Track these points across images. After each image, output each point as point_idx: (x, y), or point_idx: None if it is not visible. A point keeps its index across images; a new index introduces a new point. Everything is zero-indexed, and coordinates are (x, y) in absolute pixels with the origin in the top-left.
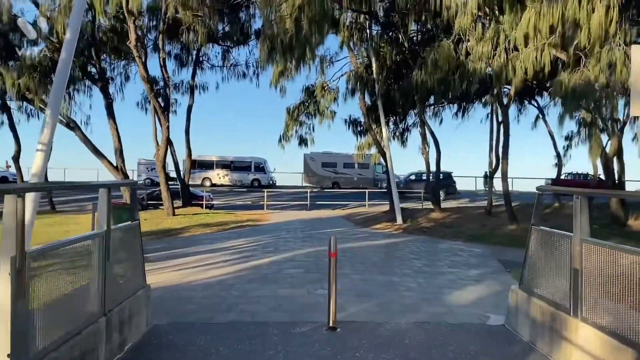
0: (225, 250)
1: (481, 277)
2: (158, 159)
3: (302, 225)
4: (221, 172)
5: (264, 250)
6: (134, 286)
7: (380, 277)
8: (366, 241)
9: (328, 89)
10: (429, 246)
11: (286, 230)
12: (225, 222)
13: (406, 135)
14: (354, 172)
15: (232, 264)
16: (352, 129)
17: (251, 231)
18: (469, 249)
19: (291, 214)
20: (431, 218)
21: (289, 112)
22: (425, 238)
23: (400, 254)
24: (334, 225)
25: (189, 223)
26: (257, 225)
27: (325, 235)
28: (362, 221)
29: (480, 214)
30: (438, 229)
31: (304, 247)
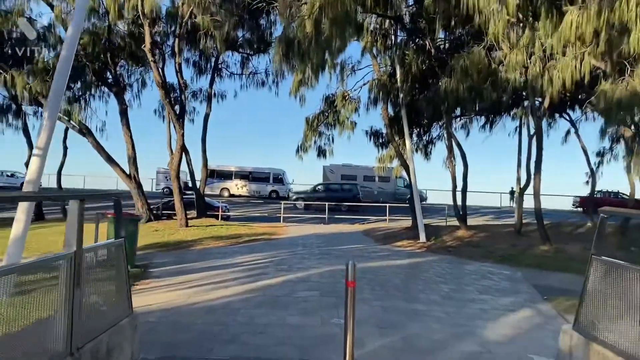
0: (236, 267)
1: (516, 305)
2: (172, 167)
3: (319, 240)
4: (239, 182)
5: (277, 267)
6: (116, 315)
7: (404, 305)
8: (387, 260)
9: (349, 99)
10: (456, 268)
11: (302, 246)
12: (239, 234)
13: (430, 148)
14: (374, 186)
15: (241, 282)
16: (373, 140)
17: (265, 246)
18: (499, 272)
19: (308, 227)
20: (457, 236)
21: (308, 122)
22: (451, 258)
23: (424, 276)
24: (352, 241)
25: (202, 235)
26: (272, 239)
27: (343, 252)
28: (382, 237)
29: (509, 233)
30: (465, 249)
31: (320, 266)
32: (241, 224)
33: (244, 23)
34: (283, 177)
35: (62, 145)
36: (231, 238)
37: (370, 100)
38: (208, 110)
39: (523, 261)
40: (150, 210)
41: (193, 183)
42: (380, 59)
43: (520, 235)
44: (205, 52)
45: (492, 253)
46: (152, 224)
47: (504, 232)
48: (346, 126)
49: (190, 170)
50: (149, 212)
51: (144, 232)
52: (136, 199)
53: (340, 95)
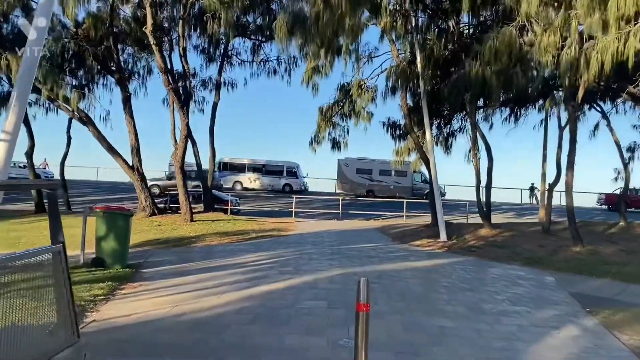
0: (237, 268)
1: (558, 320)
2: (176, 159)
3: (331, 237)
4: (252, 175)
5: (282, 269)
6: (50, 347)
7: (426, 320)
8: (405, 262)
9: (365, 88)
10: (481, 271)
11: (312, 244)
12: (247, 230)
13: (451, 141)
14: (390, 180)
15: (239, 287)
16: (391, 132)
17: (273, 243)
18: (530, 277)
19: (320, 223)
20: (480, 235)
21: (321, 112)
22: (474, 260)
23: (447, 282)
24: (367, 239)
25: (206, 231)
26: (281, 235)
27: (356, 252)
28: (399, 235)
29: (536, 232)
30: (489, 249)
31: (330, 268)
32: (250, 218)
33: (254, 7)
34: (297, 170)
35: (66, 135)
36: (237, 234)
37: (388, 89)
38: (217, 99)
39: (554, 264)
40: (155, 204)
41: (200, 175)
42: (399, 44)
43: (549, 235)
44: (214, 38)
45: (518, 254)
46: (156, 218)
47: (531, 231)
48: (362, 117)
49: (197, 162)
50: (152, 206)
51: (146, 226)
52: (139, 192)
53: (356, 84)
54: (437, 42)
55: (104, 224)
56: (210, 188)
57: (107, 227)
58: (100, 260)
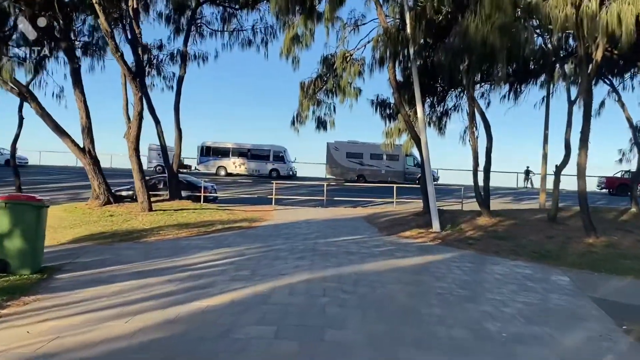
0: (180, 272)
1: (594, 351)
2: (129, 139)
3: (309, 229)
4: (237, 160)
5: (235, 274)
6: None
7: (413, 354)
8: (391, 259)
9: (351, 60)
10: (482, 270)
11: (284, 237)
12: (212, 221)
13: (445, 120)
14: (382, 165)
15: (166, 304)
16: (380, 111)
17: (238, 237)
18: (540, 276)
19: (301, 211)
20: (478, 224)
21: (303, 88)
22: (472, 255)
23: (441, 288)
24: (350, 230)
25: (164, 222)
26: (251, 227)
27: (334, 247)
28: (387, 225)
29: (541, 221)
30: (489, 241)
31: (296, 272)
32: (223, 207)
33: None
34: (284, 154)
35: (18, 115)
36: (200, 226)
37: (376, 61)
38: (182, 72)
39: (565, 259)
40: (110, 192)
41: (165, 159)
42: (386, 8)
43: (555, 224)
44: (179, 2)
45: (524, 247)
46: (110, 208)
47: (535, 220)
48: (348, 93)
49: (161, 143)
50: (107, 193)
51: (95, 217)
52: (91, 177)
53: (341, 56)
54: (429, 3)
55: (7, 218)
56: (177, 173)
57: (12, 221)
58: (2, 264)
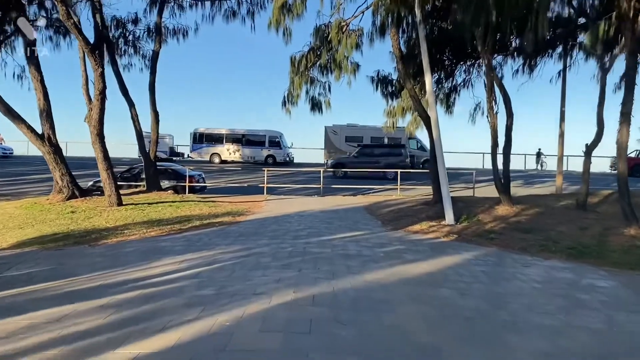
0: (122, 293)
1: None
2: (91, 122)
3: (302, 223)
4: (232, 147)
5: (193, 295)
6: None
7: None
8: (399, 265)
9: (347, 31)
10: (513, 276)
11: (271, 236)
12: (190, 216)
13: (453, 97)
14: None
15: (76, 354)
16: (381, 89)
17: (215, 236)
18: (586, 282)
19: (295, 202)
20: (497, 215)
21: (293, 63)
22: (496, 252)
23: (469, 308)
24: (349, 224)
25: (133, 219)
26: (234, 222)
27: (329, 248)
28: (392, 217)
29: (567, 209)
30: (512, 235)
31: (277, 289)
32: (209, 198)
33: None
34: (280, 140)
35: None
36: (174, 223)
37: (376, 28)
38: (157, 47)
39: (609, 256)
40: (75, 184)
41: (141, 145)
42: None
43: (586, 212)
44: None
45: (555, 242)
46: (74, 203)
47: (561, 208)
48: (345, 68)
49: (136, 128)
50: (71, 186)
51: (53, 214)
52: (52, 168)
53: (336, 26)
54: None
55: None
56: (155, 160)
57: None
58: None
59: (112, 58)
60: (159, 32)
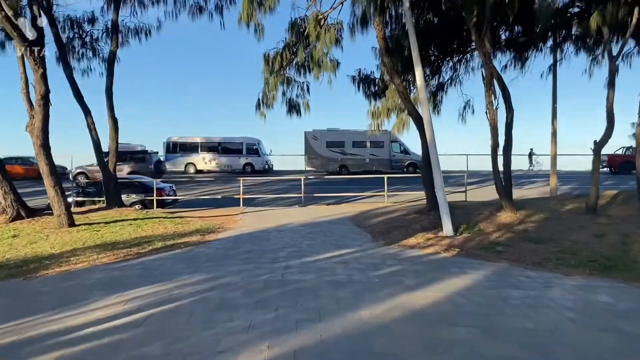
0: (38, 354)
1: None
2: (33, 131)
3: (281, 241)
4: (207, 155)
5: (132, 357)
6: None
7: None
8: (399, 293)
9: (326, 25)
10: (538, 302)
11: (244, 259)
12: (152, 237)
13: (440, 96)
14: (365, 153)
15: None
16: (363, 89)
17: (177, 262)
18: (627, 306)
19: (274, 214)
20: (500, 222)
21: (267, 61)
22: (508, 269)
23: (501, 356)
24: (335, 239)
25: (85, 242)
26: (203, 242)
27: (314, 273)
28: (383, 229)
29: (575, 213)
30: (522, 247)
31: (245, 344)
32: (177, 213)
33: None
34: (258, 147)
35: None
36: (132, 245)
37: (357, 19)
38: (114, 47)
39: (639, 269)
40: (20, 203)
41: (98, 157)
42: None
43: (596, 216)
44: None
45: (573, 254)
46: (19, 224)
47: (568, 212)
48: (324, 66)
49: (93, 138)
50: (16, 205)
51: None
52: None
53: (313, 19)
54: None
55: None
56: (115, 173)
57: None
58: None
59: (64, 61)
60: (115, 30)
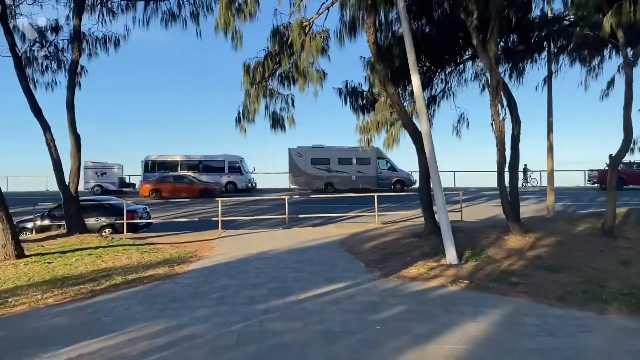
0: None
1: None
2: None
3: (261, 273)
4: (188, 174)
5: None
6: None
7: None
8: (408, 348)
9: (311, 33)
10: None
11: (217, 299)
12: (113, 269)
13: (432, 109)
14: (352, 170)
15: None
16: (351, 102)
17: (137, 303)
18: None
19: (256, 238)
20: (509, 247)
21: (248, 72)
22: (530, 306)
23: None
24: (324, 271)
25: (31, 277)
26: (172, 275)
27: (300, 324)
28: (378, 256)
29: (591, 235)
30: (540, 277)
31: None
32: (148, 238)
33: None
34: (241, 165)
35: None
36: (86, 281)
37: (345, 25)
38: (75, 56)
39: None
40: None
41: (58, 177)
42: None
43: (614, 239)
44: None
45: (602, 287)
46: None
47: (582, 234)
48: (310, 77)
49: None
50: None
51: None
52: None
53: (298, 26)
54: None
55: None
56: (77, 195)
57: None
58: None
59: (20, 72)
60: (77, 37)
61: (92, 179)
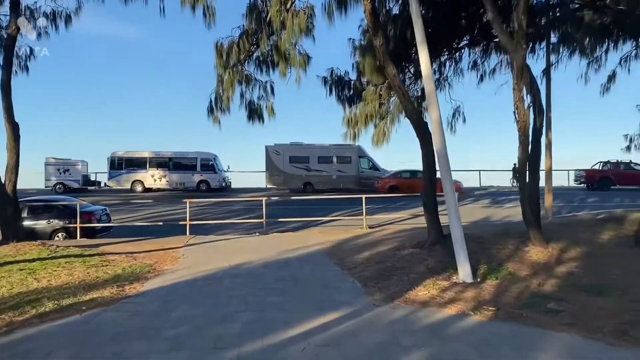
0: None
1: None
2: None
3: (236, 296)
4: (157, 172)
5: None
6: None
7: None
8: None
9: (293, 9)
10: None
11: (172, 338)
12: (45, 291)
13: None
14: (332, 169)
15: None
16: (336, 92)
17: (62, 346)
18: None
19: (229, 246)
20: (532, 261)
21: (220, 53)
22: (582, 343)
23: None
24: (313, 293)
25: None
26: (119, 299)
27: None
28: (375, 273)
29: (620, 245)
30: (580, 301)
31: None
32: (102, 245)
33: None
34: (214, 163)
35: None
36: (6, 308)
37: None
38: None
39: None
40: None
41: None
42: None
43: None
44: None
45: None
46: None
47: (610, 245)
48: (292, 61)
49: None
50: None
51: None
52: None
53: (277, 1)
54: None
55: None
56: (14, 195)
57: None
58: None
59: None
60: (16, 8)
61: (53, 176)
